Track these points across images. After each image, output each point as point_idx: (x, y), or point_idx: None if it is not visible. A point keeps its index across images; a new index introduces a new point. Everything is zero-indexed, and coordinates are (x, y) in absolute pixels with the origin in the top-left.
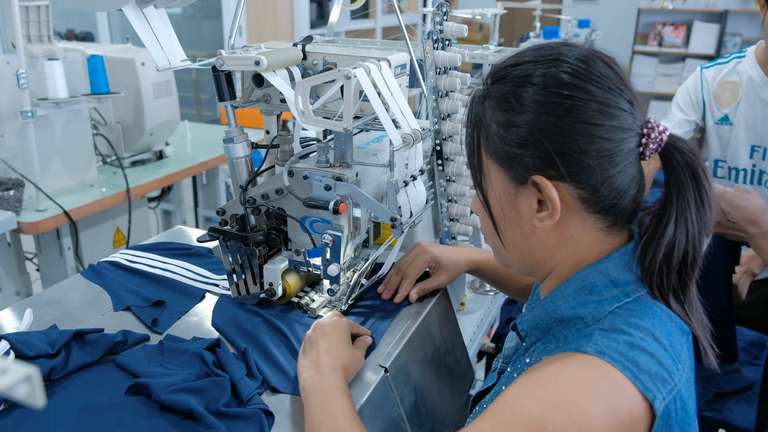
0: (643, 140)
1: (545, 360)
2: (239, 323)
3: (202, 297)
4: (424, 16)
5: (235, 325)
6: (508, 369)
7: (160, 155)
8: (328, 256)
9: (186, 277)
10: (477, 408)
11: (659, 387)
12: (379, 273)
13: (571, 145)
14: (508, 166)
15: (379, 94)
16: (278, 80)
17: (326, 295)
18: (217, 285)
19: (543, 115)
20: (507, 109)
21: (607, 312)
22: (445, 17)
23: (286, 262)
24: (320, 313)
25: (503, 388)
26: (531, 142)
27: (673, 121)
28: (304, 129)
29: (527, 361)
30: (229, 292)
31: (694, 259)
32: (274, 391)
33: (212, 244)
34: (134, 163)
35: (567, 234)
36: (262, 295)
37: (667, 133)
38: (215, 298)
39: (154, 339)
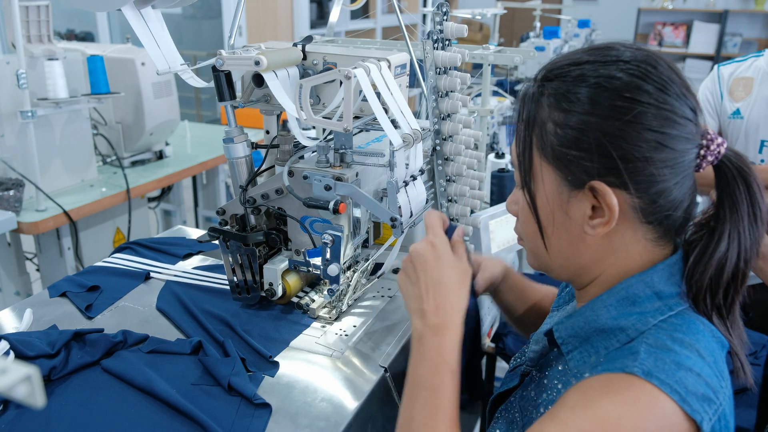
0: (702, 152)
1: (590, 384)
2: (184, 307)
3: (147, 278)
4: (424, 16)
5: (180, 308)
6: (535, 373)
7: (160, 155)
8: (328, 256)
9: (127, 266)
10: (504, 411)
11: (706, 408)
12: (379, 273)
13: (636, 153)
14: (565, 168)
15: (378, 94)
16: (276, 85)
17: (326, 294)
18: (160, 272)
19: (609, 119)
20: (567, 108)
21: (651, 325)
22: (445, 17)
23: (286, 262)
24: (320, 314)
25: (533, 393)
26: (594, 146)
27: None
28: (304, 129)
29: (560, 368)
30: (171, 278)
31: (744, 276)
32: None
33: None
34: (134, 163)
35: (616, 242)
36: (263, 295)
37: (725, 145)
38: (160, 283)
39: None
